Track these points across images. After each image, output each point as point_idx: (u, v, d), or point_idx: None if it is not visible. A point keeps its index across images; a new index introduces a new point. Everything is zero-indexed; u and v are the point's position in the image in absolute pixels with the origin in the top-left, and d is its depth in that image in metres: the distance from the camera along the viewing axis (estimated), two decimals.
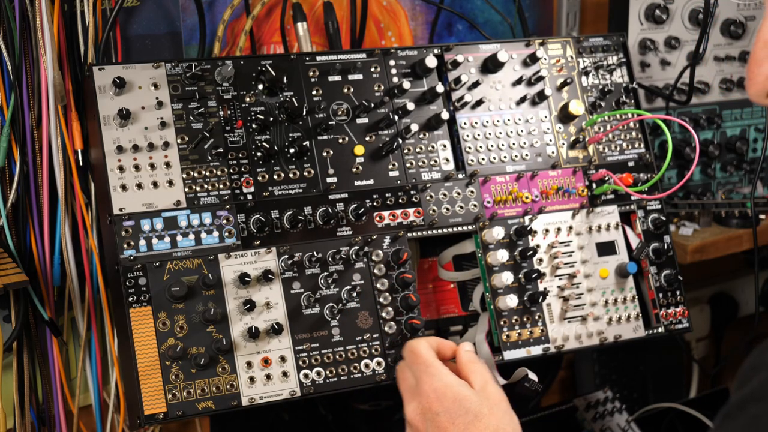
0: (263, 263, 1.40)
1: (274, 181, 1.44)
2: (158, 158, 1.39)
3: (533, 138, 1.59)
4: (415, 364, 1.30)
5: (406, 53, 1.55)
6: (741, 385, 0.94)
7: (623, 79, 1.67)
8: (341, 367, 1.41)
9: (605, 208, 1.61)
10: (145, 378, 1.32)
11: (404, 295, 1.45)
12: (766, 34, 0.96)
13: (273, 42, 1.80)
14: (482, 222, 1.53)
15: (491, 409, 1.24)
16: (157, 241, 1.36)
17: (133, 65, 1.41)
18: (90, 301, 1.54)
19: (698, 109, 2.00)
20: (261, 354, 1.37)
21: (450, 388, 1.25)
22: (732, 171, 2.03)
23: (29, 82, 1.45)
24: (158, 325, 1.34)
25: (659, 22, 1.95)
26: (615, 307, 1.58)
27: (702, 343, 2.48)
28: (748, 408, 0.91)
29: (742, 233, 1.94)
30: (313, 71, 1.49)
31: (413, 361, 1.31)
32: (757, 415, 0.90)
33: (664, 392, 2.32)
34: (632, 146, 1.65)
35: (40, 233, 1.48)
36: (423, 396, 1.26)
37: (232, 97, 1.44)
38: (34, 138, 1.47)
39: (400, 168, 1.51)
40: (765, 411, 0.90)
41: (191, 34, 1.68)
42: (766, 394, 0.90)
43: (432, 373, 1.28)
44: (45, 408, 1.56)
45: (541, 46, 1.62)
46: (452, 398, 1.24)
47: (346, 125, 1.49)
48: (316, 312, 1.42)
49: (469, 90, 1.56)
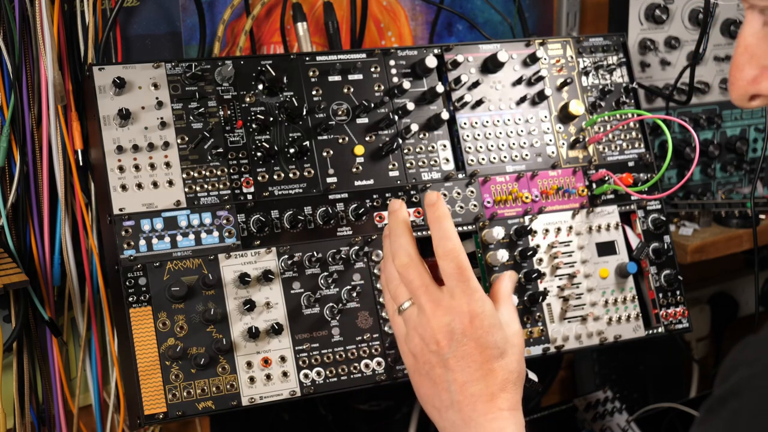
0: (263, 263, 1.40)
1: (274, 181, 1.44)
2: (158, 158, 1.39)
3: (533, 138, 1.59)
4: (456, 279, 1.20)
5: (406, 53, 1.55)
6: (722, 381, 0.96)
7: (623, 79, 1.67)
8: (341, 367, 1.41)
9: (605, 208, 1.61)
10: (145, 378, 1.32)
11: None
12: (746, 40, 0.97)
13: (273, 42, 1.80)
14: (482, 222, 1.53)
15: (513, 349, 1.22)
16: (157, 241, 1.37)
17: (133, 65, 1.41)
18: (90, 301, 1.54)
19: (698, 109, 2.00)
20: (261, 354, 1.38)
21: (489, 317, 1.19)
22: (732, 171, 2.03)
23: (29, 82, 1.45)
24: (158, 325, 1.34)
25: (659, 22, 1.95)
26: (615, 307, 1.58)
27: (702, 343, 2.48)
28: (728, 403, 0.93)
29: (742, 233, 1.94)
30: (313, 71, 1.49)
31: (456, 275, 1.21)
32: (737, 409, 0.92)
33: (664, 392, 2.32)
34: (632, 146, 1.66)
35: (40, 233, 1.48)
36: (458, 315, 1.19)
37: (232, 97, 1.44)
38: (34, 138, 1.47)
39: (400, 168, 1.51)
40: (743, 405, 0.92)
41: (191, 34, 1.68)
42: (743, 390, 0.93)
43: (472, 295, 1.20)
44: (45, 408, 1.57)
45: (541, 46, 1.62)
46: (488, 327, 1.19)
47: (346, 125, 1.49)
48: (316, 312, 1.42)
49: (469, 90, 1.56)
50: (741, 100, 1.00)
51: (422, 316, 1.21)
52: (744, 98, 0.99)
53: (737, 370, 0.95)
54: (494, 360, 1.19)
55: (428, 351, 1.21)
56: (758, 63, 0.96)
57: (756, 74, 0.97)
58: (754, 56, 0.96)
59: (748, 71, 0.97)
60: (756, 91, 0.98)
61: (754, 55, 0.96)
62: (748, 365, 0.94)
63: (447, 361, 1.20)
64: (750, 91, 0.98)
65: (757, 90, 0.98)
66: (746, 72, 0.97)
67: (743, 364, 0.94)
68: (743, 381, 0.93)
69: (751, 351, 0.96)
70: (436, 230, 1.20)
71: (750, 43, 0.96)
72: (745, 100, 0.99)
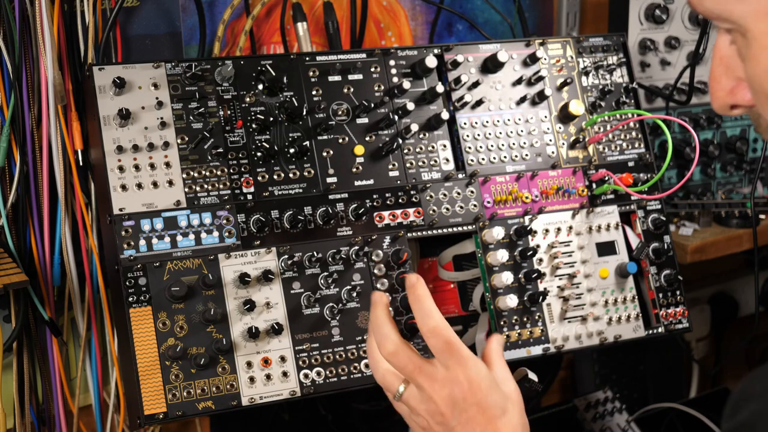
0: (263, 263, 1.40)
1: (274, 181, 1.44)
2: (158, 158, 1.39)
3: (533, 138, 1.59)
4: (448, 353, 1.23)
5: (406, 53, 1.55)
6: (732, 415, 0.96)
7: (623, 79, 1.67)
8: (341, 367, 1.41)
9: (605, 208, 1.61)
10: (145, 378, 1.32)
11: (404, 295, 1.45)
12: (720, 51, 1.00)
13: (273, 42, 1.80)
14: (482, 222, 1.53)
15: (513, 405, 1.24)
16: (157, 241, 1.36)
17: (133, 65, 1.41)
18: (90, 301, 1.54)
19: (698, 109, 2.00)
20: (261, 354, 1.37)
21: (485, 380, 1.22)
22: (732, 171, 2.03)
23: (29, 82, 1.45)
24: (158, 325, 1.34)
25: (659, 22, 1.95)
26: (615, 307, 1.58)
27: (702, 343, 2.48)
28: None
29: (742, 233, 1.94)
30: (313, 71, 1.49)
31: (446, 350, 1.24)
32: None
33: (664, 392, 2.32)
34: (632, 146, 1.66)
35: (40, 233, 1.48)
36: (456, 384, 1.22)
37: (232, 97, 1.44)
38: (34, 138, 1.47)
39: (400, 168, 1.51)
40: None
41: (191, 34, 1.68)
42: (756, 424, 0.93)
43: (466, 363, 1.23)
44: (45, 408, 1.57)
45: (541, 46, 1.62)
46: (486, 390, 1.22)
47: (346, 125, 1.49)
48: (316, 312, 1.42)
49: (469, 90, 1.56)
50: (722, 110, 1.03)
51: (423, 393, 1.25)
52: (724, 108, 1.02)
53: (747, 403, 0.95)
54: (497, 419, 1.22)
55: (435, 423, 1.25)
56: (733, 74, 0.99)
57: (733, 85, 1.00)
58: (729, 67, 0.99)
59: (725, 82, 1.00)
60: (734, 102, 1.01)
61: (729, 66, 0.99)
62: (759, 398, 0.95)
63: (453, 429, 1.23)
64: (728, 102, 1.01)
65: (734, 100, 1.01)
66: (723, 83, 1.00)
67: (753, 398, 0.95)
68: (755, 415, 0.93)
69: (759, 384, 0.96)
70: (418, 310, 1.24)
71: (725, 55, 0.99)
72: (726, 110, 1.03)
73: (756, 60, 0.93)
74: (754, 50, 0.93)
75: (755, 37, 0.92)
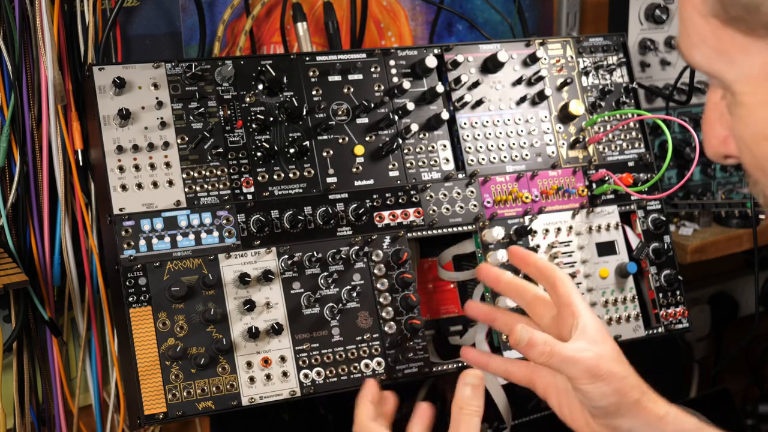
0: (263, 263, 1.40)
1: (274, 181, 1.44)
2: (158, 158, 1.39)
3: (533, 138, 1.59)
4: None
5: (406, 53, 1.55)
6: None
7: (623, 79, 1.67)
8: (341, 367, 1.41)
9: (605, 208, 1.61)
10: (145, 378, 1.32)
11: (404, 295, 1.45)
12: (714, 96, 0.99)
13: (273, 42, 1.80)
14: (482, 222, 1.53)
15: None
16: (157, 241, 1.36)
17: (133, 65, 1.41)
18: (90, 301, 1.54)
19: (698, 109, 2.00)
20: (261, 354, 1.37)
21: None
22: (732, 171, 2.03)
23: (29, 82, 1.45)
24: (158, 325, 1.34)
25: (659, 22, 1.95)
26: (615, 307, 1.58)
27: (702, 343, 2.48)
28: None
29: (742, 233, 1.94)
30: (313, 71, 1.49)
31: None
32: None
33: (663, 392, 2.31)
34: (632, 146, 1.66)
35: (40, 233, 1.48)
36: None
37: (232, 97, 1.44)
38: (34, 138, 1.47)
39: (400, 168, 1.51)
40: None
41: (191, 34, 1.69)
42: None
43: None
44: (45, 408, 1.57)
45: (541, 46, 1.62)
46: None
47: (346, 125, 1.49)
48: (316, 312, 1.42)
49: (469, 90, 1.56)
50: (716, 158, 1.02)
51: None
52: (718, 156, 1.01)
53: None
54: None
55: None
56: (726, 122, 0.98)
57: (726, 134, 0.99)
58: (723, 115, 0.98)
59: (719, 129, 0.99)
60: (727, 152, 1.00)
61: (723, 114, 0.98)
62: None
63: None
64: (722, 151, 1.00)
65: (727, 151, 0.99)
66: (717, 130, 0.99)
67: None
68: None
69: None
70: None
71: (718, 103, 0.98)
72: (720, 158, 1.02)
73: (743, 122, 0.93)
74: (742, 112, 0.92)
75: (742, 102, 0.92)
